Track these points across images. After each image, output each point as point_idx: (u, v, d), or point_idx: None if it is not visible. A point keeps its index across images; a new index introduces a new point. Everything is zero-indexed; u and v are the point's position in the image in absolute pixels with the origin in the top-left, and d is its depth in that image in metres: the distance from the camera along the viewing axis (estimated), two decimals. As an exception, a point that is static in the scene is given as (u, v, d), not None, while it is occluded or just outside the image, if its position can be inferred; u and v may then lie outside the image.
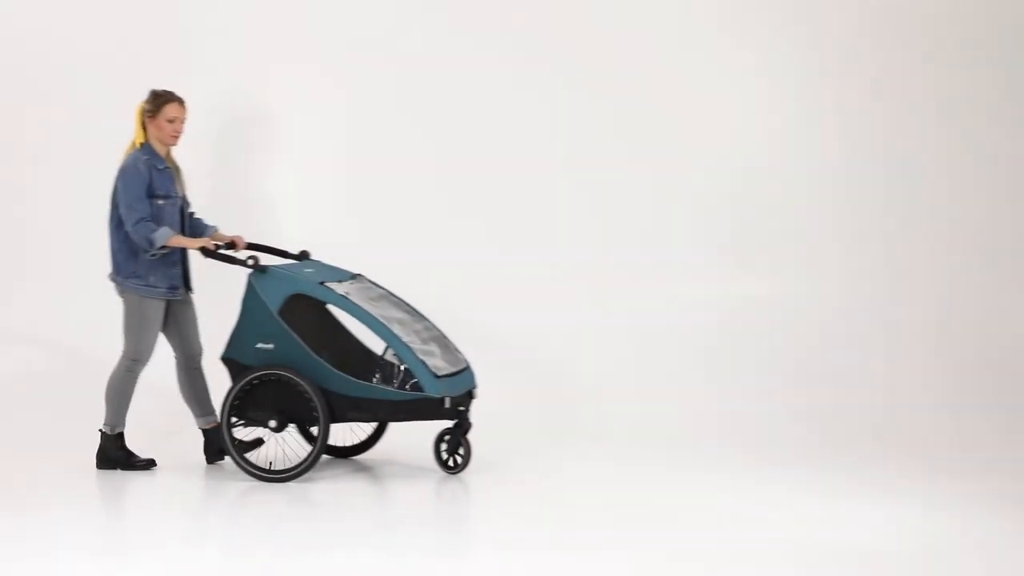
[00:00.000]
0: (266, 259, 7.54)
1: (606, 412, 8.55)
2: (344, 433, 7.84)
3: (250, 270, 7.35)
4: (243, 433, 7.42)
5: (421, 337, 7.39)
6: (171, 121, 7.40)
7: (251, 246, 7.65)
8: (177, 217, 7.47)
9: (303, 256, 7.75)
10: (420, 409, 7.21)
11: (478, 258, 9.06)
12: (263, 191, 9.20)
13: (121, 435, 7.50)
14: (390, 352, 7.36)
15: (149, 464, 7.48)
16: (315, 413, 7.19)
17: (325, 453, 7.71)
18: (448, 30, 9.16)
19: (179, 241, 7.36)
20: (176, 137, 7.44)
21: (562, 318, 9.03)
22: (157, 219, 7.36)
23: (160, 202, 7.38)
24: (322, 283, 7.30)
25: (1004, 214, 9.23)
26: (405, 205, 9.16)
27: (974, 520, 6.71)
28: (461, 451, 7.40)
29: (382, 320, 7.22)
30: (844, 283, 9.20)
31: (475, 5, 9.18)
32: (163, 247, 7.31)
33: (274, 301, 7.29)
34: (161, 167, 7.40)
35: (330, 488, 7.18)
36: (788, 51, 9.26)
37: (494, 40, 9.15)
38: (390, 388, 7.18)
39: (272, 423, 7.31)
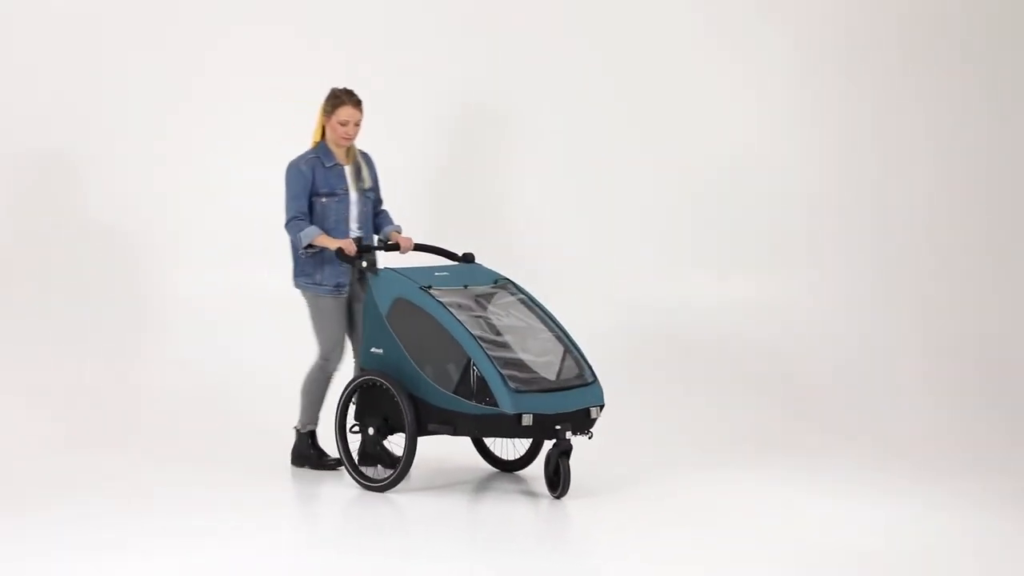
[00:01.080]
0: (382, 261, 7.42)
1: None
2: (509, 447, 7.59)
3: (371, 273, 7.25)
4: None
5: (540, 348, 7.07)
6: (343, 124, 7.40)
7: (418, 247, 7.57)
8: (346, 214, 7.45)
9: (467, 258, 7.57)
10: (497, 425, 6.86)
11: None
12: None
13: (312, 433, 7.53)
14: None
15: (338, 464, 7.42)
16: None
17: (493, 466, 7.55)
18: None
19: (323, 240, 7.33)
20: (347, 139, 7.43)
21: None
22: (321, 216, 7.40)
23: (324, 200, 7.41)
24: (427, 287, 7.11)
25: (1003, 213, 9.23)
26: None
27: (973, 520, 6.71)
28: (559, 475, 6.95)
29: (471, 330, 6.91)
30: (843, 282, 9.20)
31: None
32: (310, 246, 7.32)
33: (383, 304, 7.18)
34: (329, 165, 7.42)
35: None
36: (787, 51, 9.26)
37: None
38: (467, 400, 6.89)
39: (370, 429, 7.20)
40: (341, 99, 7.41)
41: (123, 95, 8.98)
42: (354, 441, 7.33)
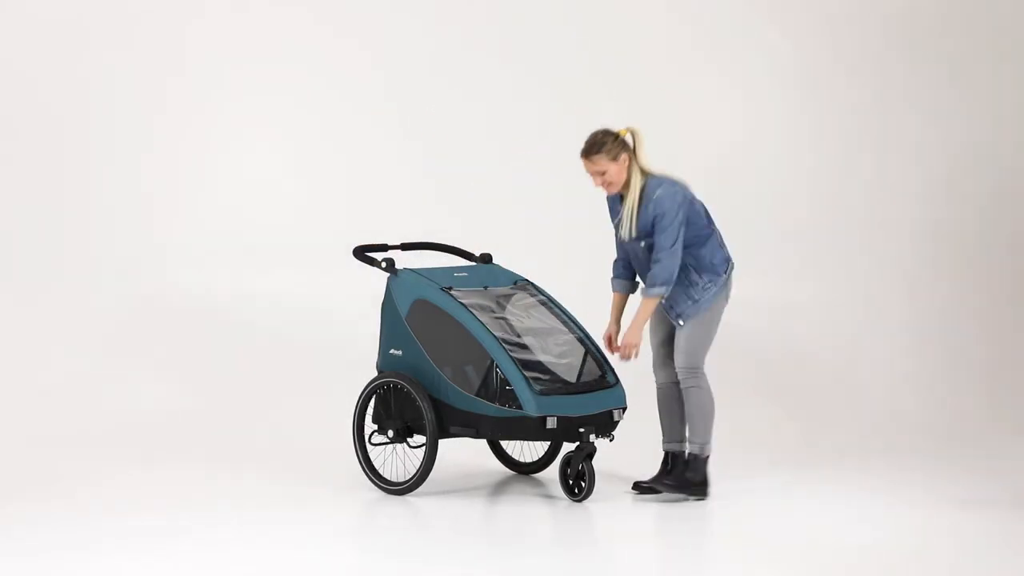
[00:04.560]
0: (405, 262, 7.33)
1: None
2: (526, 450, 7.55)
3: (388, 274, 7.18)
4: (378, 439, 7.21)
5: (560, 350, 6.97)
6: (591, 176, 7.04)
7: (436, 246, 7.48)
8: (623, 255, 7.14)
9: (485, 259, 7.46)
10: (520, 428, 6.77)
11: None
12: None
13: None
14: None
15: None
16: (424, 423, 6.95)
17: (509, 469, 7.49)
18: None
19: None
20: (602, 187, 7.00)
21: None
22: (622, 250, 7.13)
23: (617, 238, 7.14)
24: (448, 288, 7.02)
25: (1002, 212, 9.25)
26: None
27: (973, 520, 6.71)
28: (584, 478, 6.87)
29: (493, 332, 6.84)
30: (843, 283, 9.22)
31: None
32: None
33: (403, 306, 7.10)
34: (618, 208, 7.06)
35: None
36: (791, 53, 9.30)
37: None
38: (490, 403, 6.80)
39: (390, 432, 7.12)
40: (582, 151, 6.98)
41: (111, 92, 9.03)
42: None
